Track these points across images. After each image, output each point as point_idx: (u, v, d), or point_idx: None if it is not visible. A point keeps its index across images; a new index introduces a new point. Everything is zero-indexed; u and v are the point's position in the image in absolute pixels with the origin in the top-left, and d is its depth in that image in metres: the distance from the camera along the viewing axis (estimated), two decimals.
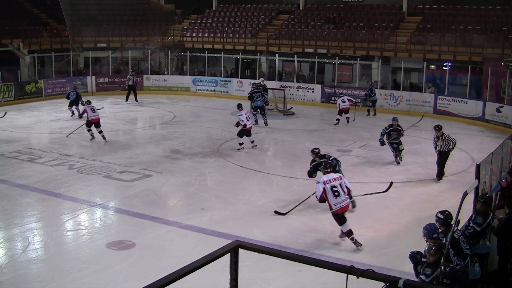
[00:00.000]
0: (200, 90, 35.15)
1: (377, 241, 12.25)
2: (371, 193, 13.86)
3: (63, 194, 15.28)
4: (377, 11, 35.35)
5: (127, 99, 32.24)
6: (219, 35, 36.99)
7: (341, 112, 25.63)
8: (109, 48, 37.22)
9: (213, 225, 12.92)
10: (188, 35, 38.26)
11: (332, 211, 11.77)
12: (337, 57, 31.96)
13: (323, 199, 11.81)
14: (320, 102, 30.98)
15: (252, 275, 9.90)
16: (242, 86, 33.30)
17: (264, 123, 25.38)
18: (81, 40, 37.43)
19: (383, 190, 13.37)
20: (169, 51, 37.24)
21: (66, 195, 15.17)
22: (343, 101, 25.63)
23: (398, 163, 18.76)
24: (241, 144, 20.60)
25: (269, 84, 30.44)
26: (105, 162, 18.54)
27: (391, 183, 13.64)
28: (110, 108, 30.39)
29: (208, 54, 35.60)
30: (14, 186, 16.09)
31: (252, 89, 26.38)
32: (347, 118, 26.02)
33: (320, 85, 31.72)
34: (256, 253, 4.58)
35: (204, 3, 41.90)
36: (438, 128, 16.97)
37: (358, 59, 31.63)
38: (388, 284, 4.18)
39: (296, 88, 31.98)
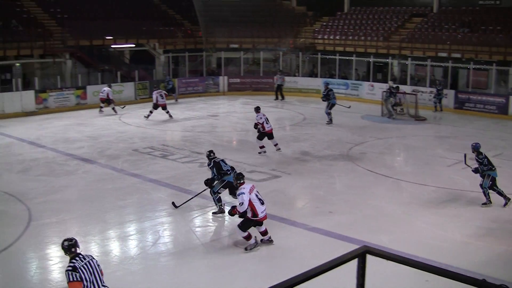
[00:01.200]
0: None
1: (510, 256, 11.76)
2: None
3: (193, 191, 15.60)
4: None
5: (276, 98, 33.43)
6: (350, 37, 36.66)
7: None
8: (241, 49, 37.76)
9: (340, 229, 12.83)
10: (319, 37, 38.12)
11: (258, 218, 11.69)
12: (472, 62, 30.92)
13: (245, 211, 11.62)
14: (453, 108, 30.03)
15: (378, 282, 9.74)
16: (373, 90, 32.88)
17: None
18: (214, 41, 38.15)
19: None
20: (300, 53, 37.31)
21: (196, 192, 15.50)
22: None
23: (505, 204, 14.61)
24: (261, 147, 20.31)
25: (401, 88, 29.92)
26: (235, 161, 18.79)
27: None
28: (241, 108, 30.92)
29: (339, 57, 35.37)
30: (147, 181, 16.69)
31: (327, 88, 26.36)
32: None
33: (453, 91, 30.79)
34: (383, 260, 4.50)
35: (336, 5, 41.61)
36: None
37: (494, 64, 30.46)
38: None
39: (429, 93, 31.15)
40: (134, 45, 35.96)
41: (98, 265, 8.13)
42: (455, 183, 16.75)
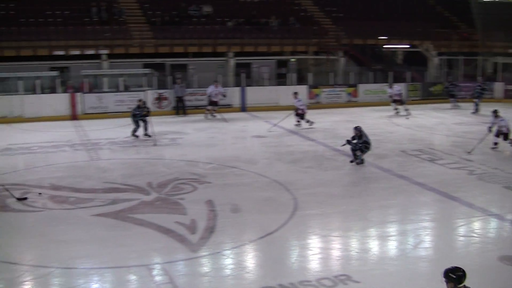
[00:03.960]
0: None
1: None
2: None
3: (460, 198, 15.11)
4: None
5: None
6: None
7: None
8: None
9: None
10: None
11: None
12: None
13: None
14: None
15: None
16: None
17: None
18: (492, 45, 36.58)
19: None
20: None
21: (462, 200, 14.98)
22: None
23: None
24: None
25: None
26: (507, 172, 17.79)
27: None
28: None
29: None
30: (413, 184, 16.45)
31: None
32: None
33: None
34: None
35: None
36: None
37: None
38: None
39: None
40: (407, 46, 35.73)
41: None
42: None
